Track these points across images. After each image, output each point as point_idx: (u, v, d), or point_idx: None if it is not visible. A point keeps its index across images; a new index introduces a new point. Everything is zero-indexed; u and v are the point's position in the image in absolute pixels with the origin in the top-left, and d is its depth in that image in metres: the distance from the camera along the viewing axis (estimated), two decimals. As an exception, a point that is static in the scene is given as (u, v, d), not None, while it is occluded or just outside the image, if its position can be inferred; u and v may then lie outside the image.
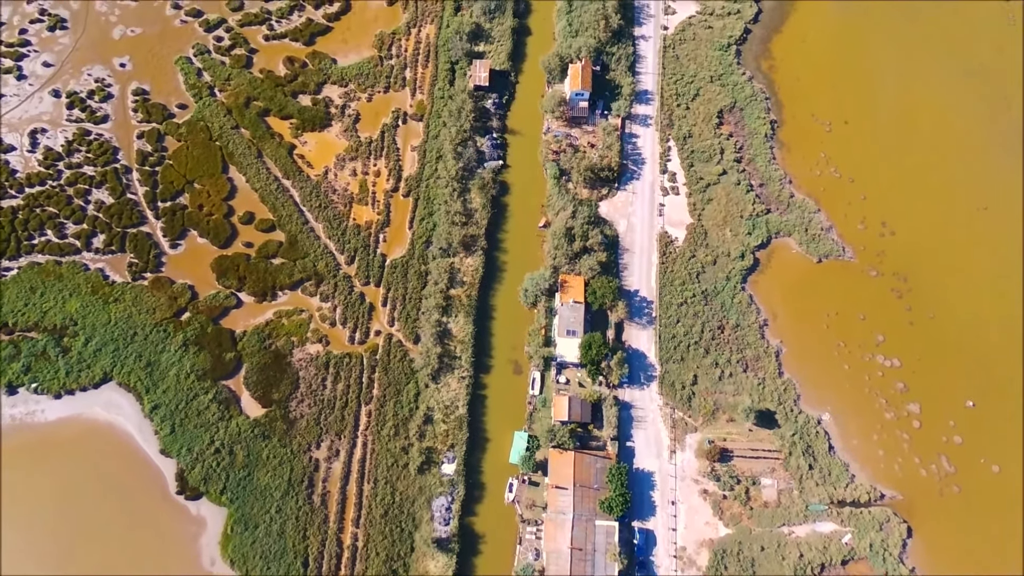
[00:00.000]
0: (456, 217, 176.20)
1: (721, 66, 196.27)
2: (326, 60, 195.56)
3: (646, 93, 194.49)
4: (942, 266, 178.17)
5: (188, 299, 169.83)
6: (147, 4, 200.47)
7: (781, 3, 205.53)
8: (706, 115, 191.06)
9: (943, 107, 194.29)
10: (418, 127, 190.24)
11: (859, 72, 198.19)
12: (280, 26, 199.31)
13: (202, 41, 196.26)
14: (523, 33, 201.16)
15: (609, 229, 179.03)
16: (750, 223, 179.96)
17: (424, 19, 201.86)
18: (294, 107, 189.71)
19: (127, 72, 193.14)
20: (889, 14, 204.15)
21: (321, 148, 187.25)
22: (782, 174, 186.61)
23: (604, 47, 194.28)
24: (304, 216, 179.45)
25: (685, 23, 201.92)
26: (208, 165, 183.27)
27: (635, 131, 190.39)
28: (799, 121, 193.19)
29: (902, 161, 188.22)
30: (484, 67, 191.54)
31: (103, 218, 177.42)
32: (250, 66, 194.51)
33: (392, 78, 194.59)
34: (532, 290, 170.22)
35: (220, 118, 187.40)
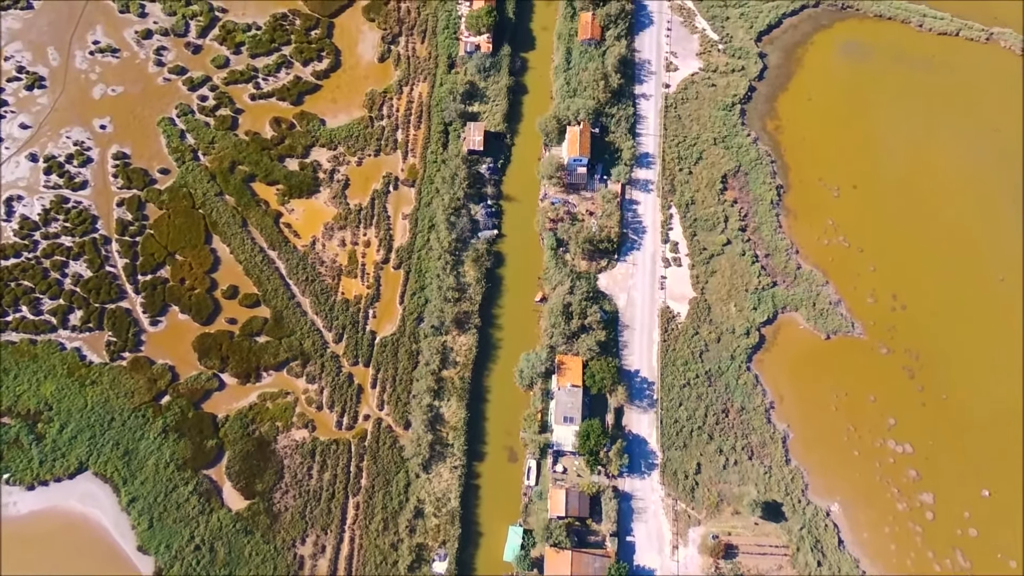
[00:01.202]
0: (449, 293, 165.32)
1: (725, 127, 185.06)
2: (314, 121, 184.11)
3: (647, 156, 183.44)
4: (956, 342, 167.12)
5: (168, 381, 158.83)
6: (129, 61, 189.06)
7: (787, 60, 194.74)
8: (709, 180, 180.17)
9: (956, 170, 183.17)
10: (410, 193, 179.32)
11: (867, 133, 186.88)
12: (267, 84, 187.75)
13: (186, 101, 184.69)
14: (519, 92, 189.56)
15: (608, 304, 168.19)
16: (755, 297, 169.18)
17: (416, 77, 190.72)
18: (281, 172, 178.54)
19: (107, 134, 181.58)
20: (898, 72, 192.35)
21: (309, 216, 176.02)
22: (788, 243, 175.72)
23: (603, 108, 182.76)
24: (290, 290, 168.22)
25: (687, 80, 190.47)
26: (191, 235, 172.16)
27: (636, 197, 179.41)
28: (806, 185, 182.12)
29: (913, 229, 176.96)
30: (478, 130, 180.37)
31: (80, 293, 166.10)
32: (235, 127, 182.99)
33: (383, 140, 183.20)
34: (528, 372, 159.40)
35: (204, 184, 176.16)
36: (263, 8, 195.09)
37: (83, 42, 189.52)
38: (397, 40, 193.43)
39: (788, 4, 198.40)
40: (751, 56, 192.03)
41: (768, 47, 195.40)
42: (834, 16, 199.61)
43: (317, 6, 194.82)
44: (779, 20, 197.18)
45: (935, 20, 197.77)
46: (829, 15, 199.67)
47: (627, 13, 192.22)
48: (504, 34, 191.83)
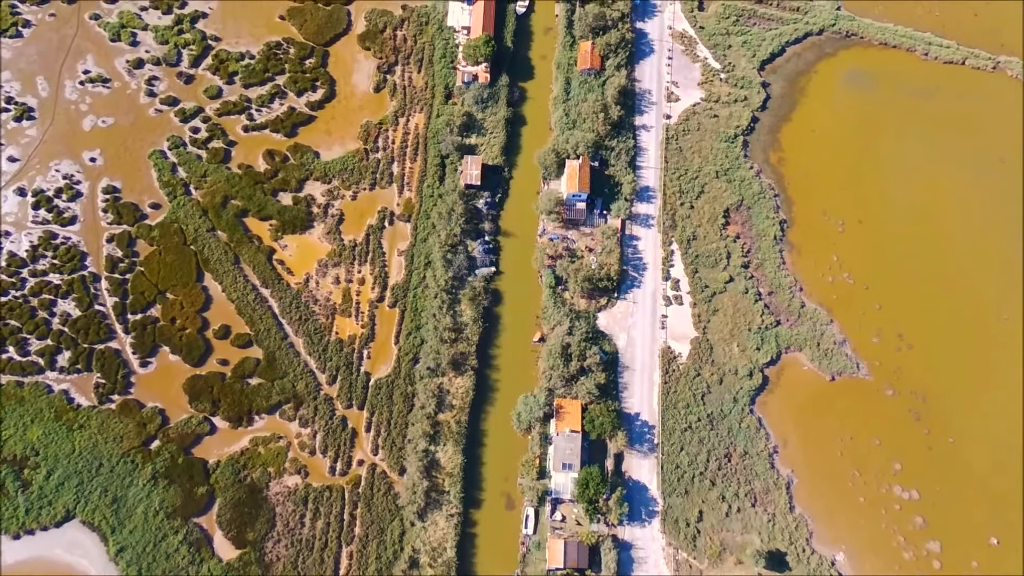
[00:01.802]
0: (445, 334, 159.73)
1: (727, 159, 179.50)
2: (308, 154, 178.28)
3: (648, 190, 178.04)
4: (963, 383, 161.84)
5: (158, 425, 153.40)
6: (120, 91, 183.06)
7: (790, 89, 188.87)
8: (711, 215, 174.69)
9: (962, 203, 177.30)
10: (405, 228, 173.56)
11: (873, 165, 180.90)
12: (260, 115, 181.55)
13: (178, 132, 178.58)
14: (517, 123, 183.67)
15: (608, 344, 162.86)
16: (758, 337, 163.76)
17: (412, 108, 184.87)
18: (274, 207, 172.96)
19: (97, 167, 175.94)
20: (903, 101, 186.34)
21: (302, 252, 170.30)
22: (792, 280, 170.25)
23: (603, 140, 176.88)
24: (283, 330, 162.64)
25: (689, 111, 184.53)
26: (182, 273, 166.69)
27: (636, 233, 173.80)
28: (810, 220, 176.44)
29: (919, 264, 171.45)
30: (476, 164, 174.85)
31: (69, 333, 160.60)
32: (228, 160, 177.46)
33: (378, 173, 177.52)
34: (526, 416, 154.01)
35: (195, 220, 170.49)
36: (257, 36, 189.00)
37: (73, 72, 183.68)
38: (393, 69, 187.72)
39: (791, 32, 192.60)
40: (754, 86, 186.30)
41: (771, 76, 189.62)
42: (838, 44, 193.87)
43: (312, 35, 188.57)
44: (782, 48, 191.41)
45: (941, 48, 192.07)
46: (833, 43, 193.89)
47: (627, 42, 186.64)
48: (502, 64, 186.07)
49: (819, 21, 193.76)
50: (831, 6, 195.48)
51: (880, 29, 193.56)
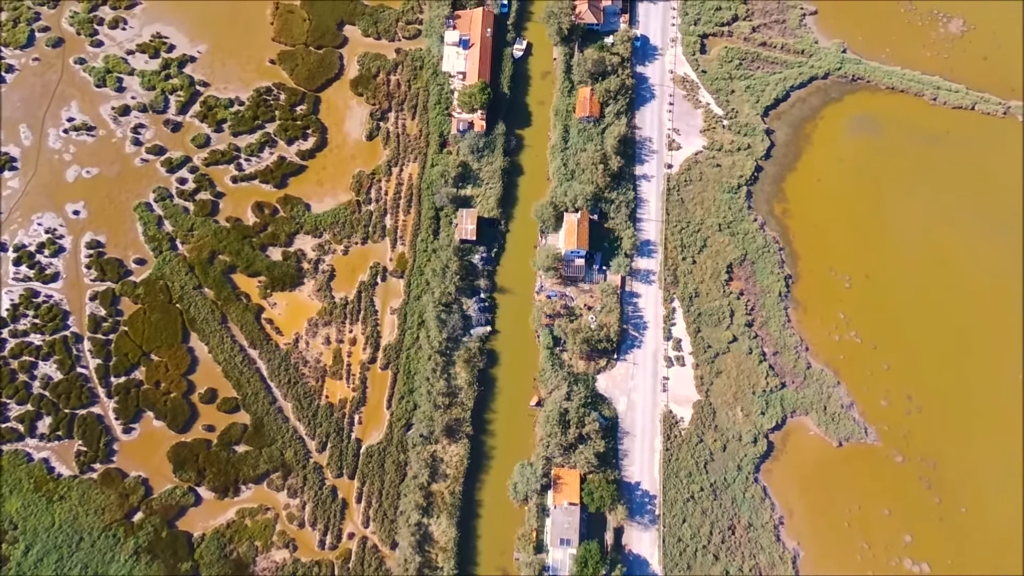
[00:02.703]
0: (439, 399, 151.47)
1: (730, 212, 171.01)
2: (299, 206, 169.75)
3: (648, 244, 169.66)
4: (975, 449, 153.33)
5: (141, 496, 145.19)
6: (105, 140, 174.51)
7: (795, 137, 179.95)
8: (714, 270, 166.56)
9: (973, 257, 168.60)
10: (398, 285, 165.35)
11: (880, 216, 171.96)
12: (249, 165, 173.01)
13: (164, 184, 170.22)
14: (514, 173, 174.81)
15: (608, 409, 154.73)
16: (763, 400, 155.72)
17: (406, 157, 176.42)
18: (263, 263, 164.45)
19: (81, 221, 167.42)
20: (911, 149, 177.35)
21: (292, 310, 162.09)
22: (798, 340, 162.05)
23: (602, 192, 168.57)
24: (272, 394, 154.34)
25: (691, 160, 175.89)
26: (167, 333, 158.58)
27: (636, 289, 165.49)
28: (816, 275, 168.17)
29: (929, 322, 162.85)
30: (471, 218, 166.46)
31: (50, 397, 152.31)
32: (216, 213, 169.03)
33: (371, 227, 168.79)
34: (522, 486, 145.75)
35: (181, 276, 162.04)
36: (247, 81, 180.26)
37: (57, 119, 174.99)
38: (386, 116, 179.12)
39: (796, 76, 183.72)
40: (757, 133, 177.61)
41: (775, 122, 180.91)
42: (844, 89, 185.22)
43: (303, 80, 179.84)
44: (787, 93, 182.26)
45: (949, 93, 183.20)
46: (839, 87, 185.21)
47: (627, 88, 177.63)
48: (498, 110, 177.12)
49: (824, 65, 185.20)
50: (836, 49, 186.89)
51: (887, 73, 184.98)
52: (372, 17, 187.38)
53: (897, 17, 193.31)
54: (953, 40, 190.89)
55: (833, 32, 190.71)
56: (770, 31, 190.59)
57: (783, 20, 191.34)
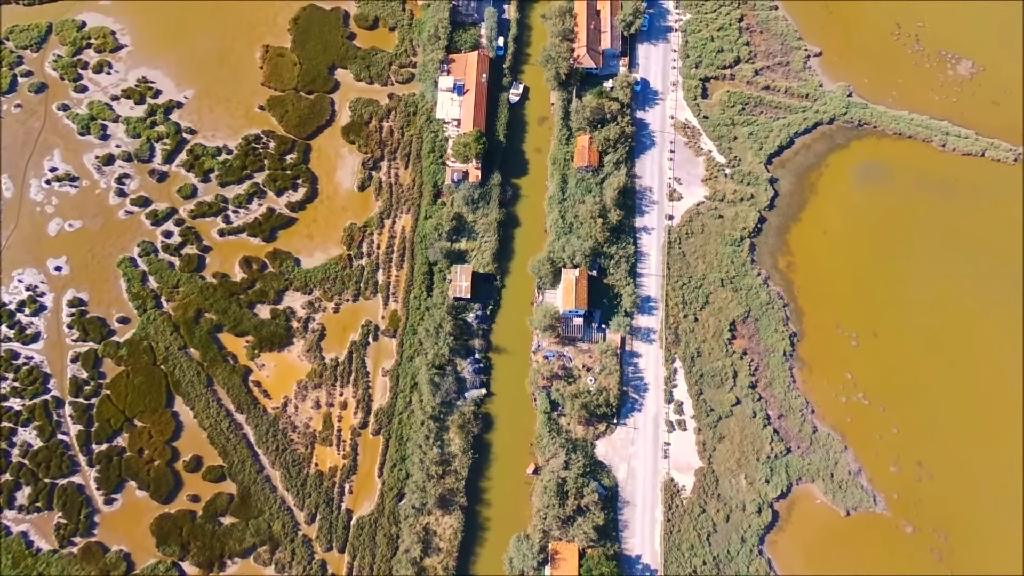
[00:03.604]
0: (432, 468, 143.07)
1: (733, 266, 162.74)
2: (288, 261, 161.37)
3: (649, 300, 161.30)
4: (988, 519, 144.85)
5: (123, 573, 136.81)
6: (89, 191, 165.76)
7: (799, 186, 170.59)
8: (717, 329, 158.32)
9: (986, 313, 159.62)
10: (391, 345, 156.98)
11: (888, 270, 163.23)
12: (237, 218, 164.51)
13: (149, 237, 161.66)
14: (510, 225, 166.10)
15: (607, 477, 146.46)
16: (767, 467, 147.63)
17: (399, 208, 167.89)
18: (251, 322, 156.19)
19: (63, 277, 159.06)
20: (920, 198, 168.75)
21: (281, 372, 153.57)
22: (803, 402, 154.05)
23: (601, 247, 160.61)
24: (259, 461, 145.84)
25: (692, 211, 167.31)
26: (151, 397, 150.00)
27: (637, 348, 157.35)
28: (822, 333, 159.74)
29: (939, 383, 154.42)
30: (465, 274, 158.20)
31: (29, 466, 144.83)
32: (202, 268, 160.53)
33: (362, 282, 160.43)
34: (519, 561, 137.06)
35: (166, 336, 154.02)
36: (235, 128, 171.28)
37: (39, 169, 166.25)
38: (379, 165, 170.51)
39: (800, 121, 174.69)
40: (761, 182, 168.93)
41: (779, 171, 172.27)
42: (850, 134, 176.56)
43: (293, 127, 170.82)
44: (791, 140, 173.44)
45: (958, 139, 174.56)
46: (845, 133, 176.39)
47: (627, 136, 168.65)
48: (494, 159, 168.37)
49: (830, 109, 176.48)
50: (842, 92, 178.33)
51: (894, 118, 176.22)
52: (364, 61, 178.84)
53: (904, 58, 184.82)
54: (962, 83, 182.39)
55: (838, 74, 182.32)
56: (773, 74, 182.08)
57: (787, 62, 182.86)
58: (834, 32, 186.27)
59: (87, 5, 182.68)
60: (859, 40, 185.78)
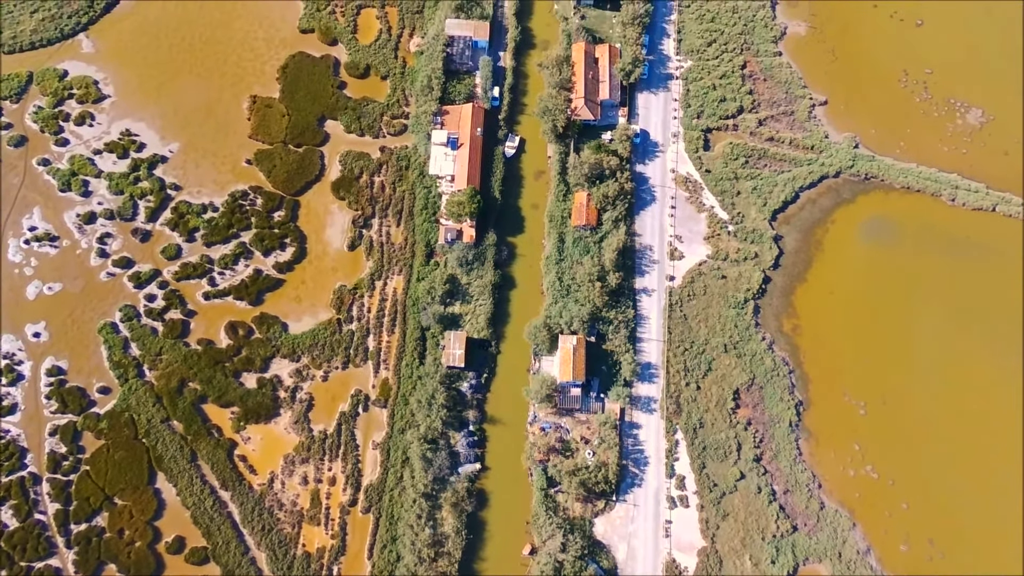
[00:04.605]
0: (424, 551, 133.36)
1: (737, 330, 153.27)
2: (276, 326, 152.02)
3: (650, 367, 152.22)
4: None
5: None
6: (69, 251, 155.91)
7: (805, 243, 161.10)
8: (720, 397, 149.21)
9: (1000, 379, 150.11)
10: (381, 415, 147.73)
11: (897, 333, 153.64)
12: (223, 279, 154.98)
13: (131, 301, 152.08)
14: (506, 286, 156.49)
15: (606, 559, 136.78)
16: (773, 547, 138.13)
17: (391, 269, 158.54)
18: (236, 392, 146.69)
19: (41, 344, 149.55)
20: (929, 256, 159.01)
21: (267, 445, 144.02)
22: (810, 476, 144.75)
23: (600, 311, 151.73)
24: (244, 542, 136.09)
25: (694, 271, 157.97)
26: (132, 473, 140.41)
27: (637, 419, 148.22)
28: (829, 401, 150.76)
29: (951, 455, 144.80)
30: (459, 342, 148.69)
31: (5, 548, 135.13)
32: (186, 334, 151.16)
33: (352, 349, 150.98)
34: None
35: (148, 408, 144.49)
36: (221, 184, 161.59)
37: (18, 229, 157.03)
38: (369, 223, 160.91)
39: (806, 175, 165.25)
40: (765, 240, 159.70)
41: (784, 227, 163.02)
42: (857, 188, 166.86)
43: (281, 183, 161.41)
44: (796, 195, 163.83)
45: (968, 193, 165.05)
46: (851, 187, 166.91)
47: (627, 193, 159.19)
48: (489, 217, 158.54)
49: (835, 162, 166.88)
50: (848, 144, 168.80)
51: (902, 171, 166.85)
52: (355, 112, 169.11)
53: (912, 107, 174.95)
54: (972, 133, 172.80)
55: (844, 124, 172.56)
56: (778, 124, 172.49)
57: (791, 111, 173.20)
58: (840, 79, 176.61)
59: (69, 53, 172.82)
60: (865, 87, 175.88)
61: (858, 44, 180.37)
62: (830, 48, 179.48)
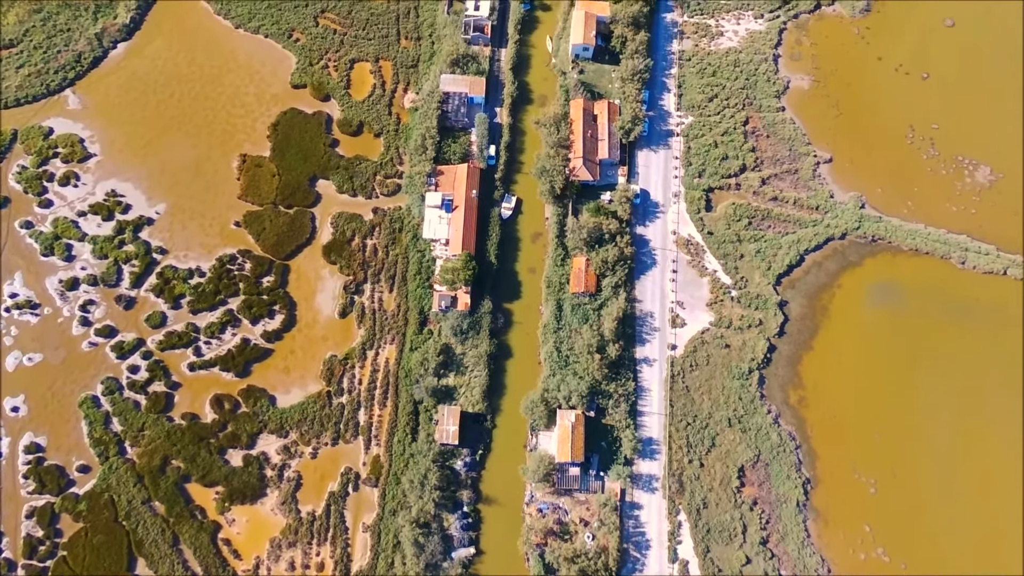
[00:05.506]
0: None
1: (741, 403, 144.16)
2: (263, 400, 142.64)
3: (651, 443, 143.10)
4: None
5: None
6: (51, 320, 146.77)
7: (811, 309, 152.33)
8: (724, 475, 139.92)
9: (1015, 452, 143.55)
10: (372, 495, 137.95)
11: (907, 405, 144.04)
12: (209, 349, 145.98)
13: (114, 372, 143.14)
14: (502, 355, 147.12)
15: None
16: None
17: (383, 338, 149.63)
18: (221, 471, 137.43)
19: (20, 420, 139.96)
20: (939, 322, 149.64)
21: (253, 528, 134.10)
22: (819, 560, 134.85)
23: (599, 384, 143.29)
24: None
25: (697, 339, 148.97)
26: (111, 559, 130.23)
27: (638, 499, 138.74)
28: (837, 478, 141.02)
29: (965, 535, 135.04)
30: (453, 417, 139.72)
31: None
32: (170, 408, 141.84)
33: (342, 424, 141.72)
34: None
35: (129, 488, 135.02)
36: (209, 248, 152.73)
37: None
38: (361, 289, 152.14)
39: (811, 237, 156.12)
40: (770, 306, 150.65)
41: (789, 292, 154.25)
42: (863, 251, 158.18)
43: (270, 247, 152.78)
44: (801, 257, 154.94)
45: (978, 256, 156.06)
46: (858, 249, 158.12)
47: (627, 258, 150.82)
48: (485, 283, 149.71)
49: (841, 223, 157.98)
50: (854, 204, 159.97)
51: (910, 232, 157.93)
52: (348, 171, 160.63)
53: (919, 165, 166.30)
54: (980, 191, 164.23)
55: (850, 183, 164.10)
56: (781, 183, 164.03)
57: (795, 170, 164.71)
58: (845, 135, 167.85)
59: (55, 110, 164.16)
60: (871, 144, 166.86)
61: (863, 98, 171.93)
62: (834, 102, 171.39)
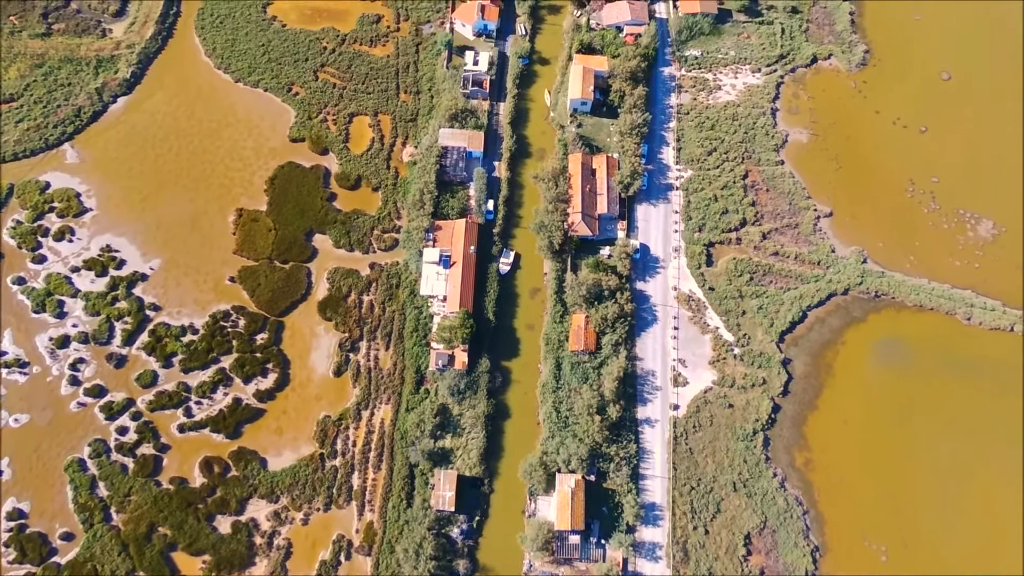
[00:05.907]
0: None
1: (746, 465, 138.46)
2: (254, 463, 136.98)
3: (654, 507, 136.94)
4: None
5: None
6: (39, 379, 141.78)
7: (815, 367, 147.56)
8: (730, 543, 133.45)
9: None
10: (365, 564, 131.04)
11: (915, 466, 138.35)
12: (200, 410, 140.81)
13: (102, 434, 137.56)
14: (500, 416, 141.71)
15: None
16: None
17: (378, 397, 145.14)
18: (209, 539, 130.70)
19: (3, 484, 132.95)
20: (945, 380, 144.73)
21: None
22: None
23: (600, 447, 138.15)
24: None
25: (699, 399, 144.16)
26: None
27: (641, 568, 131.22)
28: (846, 546, 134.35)
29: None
30: (449, 483, 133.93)
31: None
32: (158, 472, 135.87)
33: (335, 488, 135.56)
34: None
35: (113, 557, 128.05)
36: (203, 304, 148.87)
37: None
38: (357, 346, 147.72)
39: (813, 293, 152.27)
40: (773, 365, 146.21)
41: (792, 349, 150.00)
42: (867, 307, 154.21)
43: (265, 303, 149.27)
44: (803, 314, 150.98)
45: (984, 312, 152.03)
46: (861, 305, 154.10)
47: (627, 315, 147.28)
48: (483, 341, 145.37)
49: (843, 279, 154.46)
50: (856, 259, 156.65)
51: (913, 288, 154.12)
52: (345, 226, 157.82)
53: (920, 218, 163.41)
54: (984, 245, 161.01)
55: (851, 237, 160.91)
56: (782, 237, 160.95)
57: (796, 224, 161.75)
58: (845, 189, 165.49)
59: (53, 164, 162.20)
60: (872, 198, 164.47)
61: (862, 152, 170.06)
62: (833, 156, 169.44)
